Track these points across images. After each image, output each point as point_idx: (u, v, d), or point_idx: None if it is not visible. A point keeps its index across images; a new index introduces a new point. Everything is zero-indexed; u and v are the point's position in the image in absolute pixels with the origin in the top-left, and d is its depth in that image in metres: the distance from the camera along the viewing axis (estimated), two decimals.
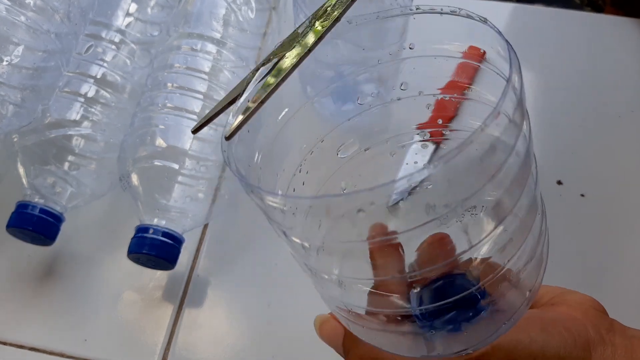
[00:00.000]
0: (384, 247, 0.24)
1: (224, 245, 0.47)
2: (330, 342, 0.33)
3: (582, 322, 0.28)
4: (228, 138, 0.24)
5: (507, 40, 0.23)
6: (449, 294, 0.24)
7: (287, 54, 0.26)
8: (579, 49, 0.56)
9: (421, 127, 0.33)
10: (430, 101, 0.30)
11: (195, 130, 0.26)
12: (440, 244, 0.24)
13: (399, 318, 0.26)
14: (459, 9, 0.25)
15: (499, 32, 0.23)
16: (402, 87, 0.30)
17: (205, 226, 0.47)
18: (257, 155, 0.27)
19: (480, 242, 0.23)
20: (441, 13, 0.25)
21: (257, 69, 0.26)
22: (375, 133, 0.33)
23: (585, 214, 0.47)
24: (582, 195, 0.48)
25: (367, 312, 0.26)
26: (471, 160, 0.19)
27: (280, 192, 0.28)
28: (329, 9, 0.27)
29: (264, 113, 0.26)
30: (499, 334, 0.26)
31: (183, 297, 0.45)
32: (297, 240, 0.24)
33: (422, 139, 0.34)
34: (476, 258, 0.24)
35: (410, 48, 0.29)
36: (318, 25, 0.26)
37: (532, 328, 0.28)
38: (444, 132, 0.33)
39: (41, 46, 0.40)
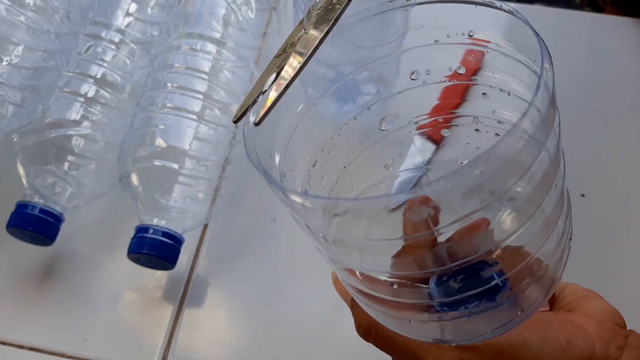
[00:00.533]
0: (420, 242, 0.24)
1: (224, 245, 0.47)
2: (342, 296, 0.33)
3: (590, 337, 0.28)
4: (258, 123, 0.24)
5: (535, 32, 0.23)
6: (474, 285, 0.24)
7: (309, 35, 0.26)
8: (579, 49, 0.56)
9: (432, 114, 0.33)
10: (437, 89, 0.30)
11: (236, 120, 0.26)
12: (473, 234, 0.23)
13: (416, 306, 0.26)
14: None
15: (527, 23, 0.24)
16: (412, 77, 0.30)
17: (205, 226, 0.47)
18: (274, 149, 0.27)
19: (510, 235, 0.23)
20: (466, 2, 0.26)
21: (283, 50, 0.26)
22: (385, 122, 0.33)
23: (585, 214, 0.47)
24: (582, 195, 0.48)
25: (385, 300, 0.26)
26: (510, 153, 0.19)
27: (302, 190, 0.28)
28: None
29: (281, 108, 0.26)
30: (510, 327, 0.26)
31: (183, 297, 0.45)
32: (316, 233, 0.24)
33: (424, 129, 0.33)
34: (503, 249, 0.24)
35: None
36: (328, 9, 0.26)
37: (532, 333, 0.27)
38: (452, 118, 0.33)
39: (41, 46, 0.40)
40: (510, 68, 0.26)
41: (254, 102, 0.26)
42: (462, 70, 0.30)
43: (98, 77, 0.44)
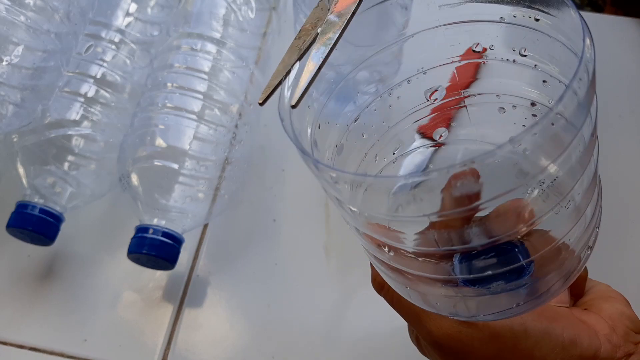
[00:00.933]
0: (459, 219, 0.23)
1: (224, 245, 0.47)
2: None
3: (597, 339, 0.27)
4: (295, 106, 0.24)
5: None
6: (499, 264, 0.24)
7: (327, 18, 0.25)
8: None
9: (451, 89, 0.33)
10: (449, 70, 0.30)
11: (262, 102, 0.26)
12: (509, 214, 0.23)
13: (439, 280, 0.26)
14: None
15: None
16: (421, 71, 0.30)
17: (205, 226, 0.47)
18: (309, 129, 0.27)
19: (541, 217, 0.23)
20: None
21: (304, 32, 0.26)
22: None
23: None
24: None
25: (406, 272, 0.26)
26: (548, 133, 0.19)
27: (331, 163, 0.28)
28: None
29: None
30: (522, 311, 0.26)
31: (183, 297, 0.45)
32: (350, 208, 0.24)
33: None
34: (531, 232, 0.23)
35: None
36: None
37: (535, 324, 0.27)
38: (465, 97, 0.32)
39: (41, 46, 0.40)
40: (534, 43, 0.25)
41: (280, 83, 0.25)
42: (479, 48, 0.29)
43: (98, 77, 0.44)
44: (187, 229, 0.43)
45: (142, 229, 0.41)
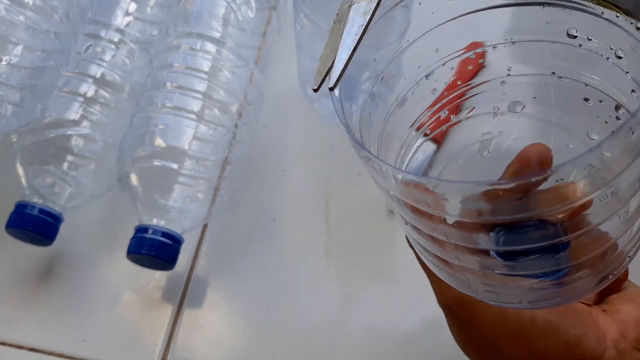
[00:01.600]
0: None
1: (223, 245, 0.47)
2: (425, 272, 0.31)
3: (604, 343, 0.27)
4: (332, 88, 0.24)
5: None
6: (535, 239, 0.24)
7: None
8: None
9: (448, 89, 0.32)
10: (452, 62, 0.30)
11: (316, 89, 0.25)
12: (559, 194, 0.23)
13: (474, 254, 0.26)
14: None
15: None
16: (424, 72, 0.30)
17: (205, 226, 0.47)
18: (353, 111, 0.27)
19: (603, 221, 0.23)
20: None
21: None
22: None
23: None
24: None
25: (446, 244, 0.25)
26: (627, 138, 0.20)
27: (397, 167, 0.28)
28: None
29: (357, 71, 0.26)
30: (543, 305, 0.26)
31: (182, 297, 0.45)
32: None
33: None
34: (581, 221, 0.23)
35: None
36: None
37: (544, 316, 0.27)
38: (468, 90, 0.32)
39: (40, 46, 0.40)
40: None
41: (330, 67, 0.25)
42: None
43: (97, 76, 0.44)
44: (187, 229, 0.43)
45: (141, 229, 0.41)
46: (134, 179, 0.42)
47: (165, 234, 0.41)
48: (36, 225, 0.41)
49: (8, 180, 0.44)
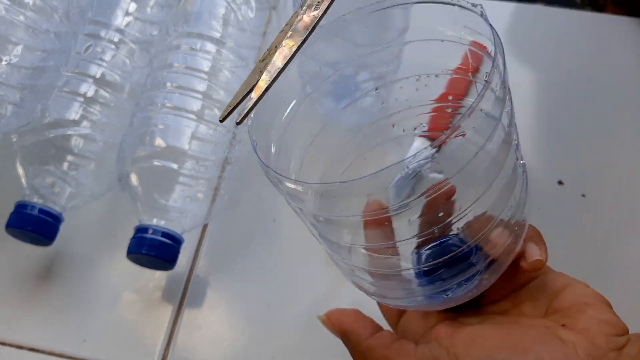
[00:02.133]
0: (379, 220, 0.26)
1: (223, 245, 0.47)
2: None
3: (575, 358, 0.27)
4: (238, 123, 0.27)
5: (492, 27, 0.26)
6: (444, 253, 0.27)
7: (285, 43, 0.28)
8: (580, 49, 0.56)
9: (437, 100, 0.35)
10: (441, 81, 0.32)
11: (222, 119, 0.28)
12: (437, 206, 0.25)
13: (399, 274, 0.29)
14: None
15: (486, 20, 0.27)
16: (411, 77, 0.32)
17: (205, 226, 0.47)
18: (272, 145, 0.30)
19: (469, 207, 0.26)
20: (432, 2, 0.28)
21: (270, 54, 0.28)
22: (376, 140, 0.34)
23: (586, 214, 0.47)
24: (583, 195, 0.48)
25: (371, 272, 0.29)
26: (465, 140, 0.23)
27: (295, 178, 0.31)
28: None
29: (276, 107, 0.29)
30: (482, 286, 0.29)
31: (182, 297, 0.45)
32: (309, 217, 0.28)
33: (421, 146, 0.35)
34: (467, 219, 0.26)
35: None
36: (307, 16, 0.28)
37: (503, 356, 0.27)
38: (457, 107, 0.35)
39: (40, 46, 0.40)
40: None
41: (239, 102, 0.28)
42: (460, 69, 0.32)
43: (97, 76, 0.44)
44: (187, 229, 0.43)
45: (141, 229, 0.41)
46: (134, 179, 0.42)
47: (165, 234, 0.41)
48: (36, 225, 0.41)
49: (8, 180, 0.44)
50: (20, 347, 0.43)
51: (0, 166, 0.46)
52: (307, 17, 0.28)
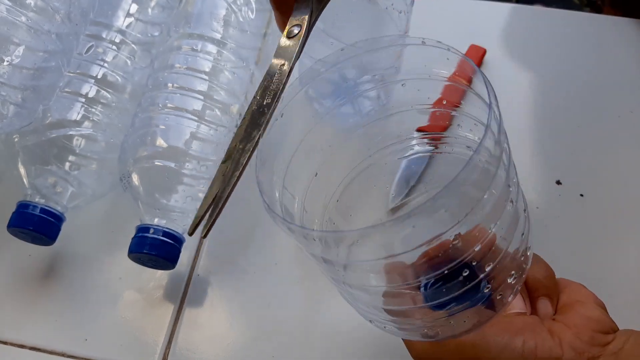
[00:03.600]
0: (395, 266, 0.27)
1: (224, 245, 0.47)
2: None
3: (559, 349, 0.29)
4: (190, 234, 0.29)
5: (483, 75, 0.26)
6: (455, 286, 0.27)
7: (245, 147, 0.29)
8: (578, 49, 0.56)
9: (421, 129, 0.37)
10: (424, 112, 0.34)
11: (191, 233, 0.30)
12: (445, 249, 0.26)
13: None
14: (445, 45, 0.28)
15: (478, 70, 0.27)
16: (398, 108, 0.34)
17: None
18: (276, 186, 0.31)
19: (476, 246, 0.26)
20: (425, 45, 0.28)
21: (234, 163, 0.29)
22: (376, 141, 0.35)
23: (584, 214, 0.47)
24: (582, 195, 0.48)
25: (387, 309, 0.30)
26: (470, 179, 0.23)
27: (314, 229, 0.32)
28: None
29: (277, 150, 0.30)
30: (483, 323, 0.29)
31: (183, 296, 0.45)
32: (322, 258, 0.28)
33: (419, 145, 0.36)
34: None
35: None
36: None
37: (496, 339, 0.29)
38: (440, 139, 0.37)
39: (42, 46, 0.40)
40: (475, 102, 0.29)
41: (204, 214, 0.29)
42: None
43: (99, 77, 0.44)
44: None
45: (142, 229, 0.41)
46: (135, 179, 0.42)
47: (167, 234, 0.41)
48: (38, 224, 0.41)
49: (10, 180, 0.44)
50: (22, 346, 0.43)
51: (2, 166, 0.46)
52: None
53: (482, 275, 0.27)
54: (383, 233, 0.24)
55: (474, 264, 0.27)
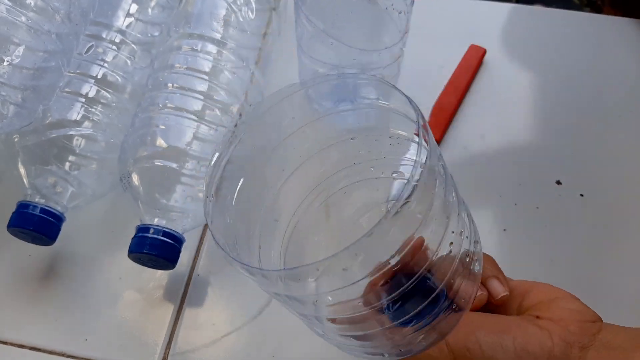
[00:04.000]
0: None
1: None
2: None
3: (549, 342, 0.29)
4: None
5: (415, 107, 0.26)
6: (418, 301, 0.28)
7: None
8: (578, 49, 0.56)
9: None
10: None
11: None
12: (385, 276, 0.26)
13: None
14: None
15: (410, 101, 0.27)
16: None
17: (206, 226, 0.47)
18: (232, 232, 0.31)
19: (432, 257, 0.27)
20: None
21: None
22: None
23: (584, 214, 0.47)
24: (582, 195, 0.48)
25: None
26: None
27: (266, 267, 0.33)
28: None
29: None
30: (449, 326, 0.29)
31: (183, 296, 0.45)
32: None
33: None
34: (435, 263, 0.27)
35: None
36: None
37: (487, 338, 0.29)
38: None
39: (42, 46, 0.40)
40: None
41: None
42: None
43: (99, 77, 0.44)
44: (188, 229, 0.43)
45: (142, 229, 0.41)
46: (135, 179, 0.42)
47: (167, 234, 0.41)
48: (38, 225, 0.41)
49: (10, 180, 0.44)
50: (22, 346, 0.43)
51: (2, 166, 0.46)
52: None
53: (440, 285, 0.28)
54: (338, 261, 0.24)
55: (428, 277, 0.27)
